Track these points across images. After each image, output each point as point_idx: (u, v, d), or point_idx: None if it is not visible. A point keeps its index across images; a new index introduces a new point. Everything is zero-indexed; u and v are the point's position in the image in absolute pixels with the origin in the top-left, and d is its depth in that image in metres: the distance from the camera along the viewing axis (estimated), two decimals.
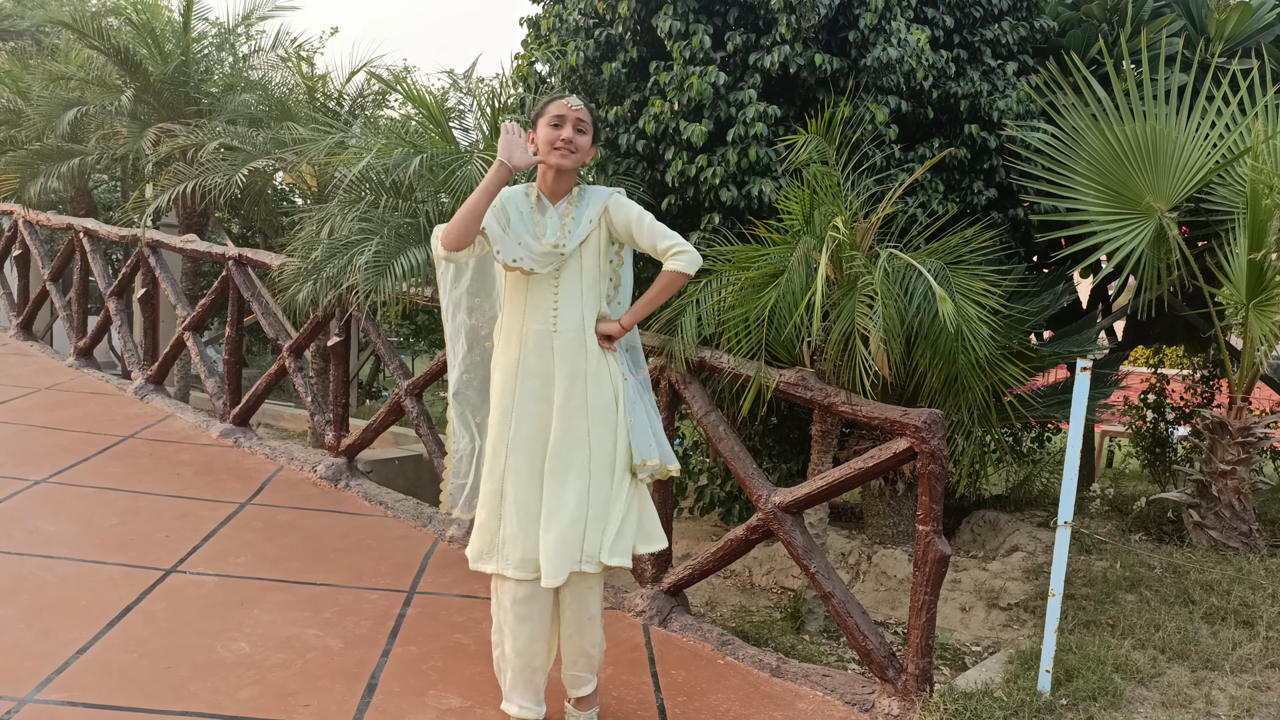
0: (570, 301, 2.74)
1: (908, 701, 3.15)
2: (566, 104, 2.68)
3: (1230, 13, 5.48)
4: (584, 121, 2.70)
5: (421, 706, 2.93)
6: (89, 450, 5.30)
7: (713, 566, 3.85)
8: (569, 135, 2.67)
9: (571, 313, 2.74)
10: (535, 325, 2.73)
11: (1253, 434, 4.78)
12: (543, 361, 2.72)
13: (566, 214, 2.75)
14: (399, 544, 4.40)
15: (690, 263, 2.76)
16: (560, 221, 2.74)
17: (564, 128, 2.67)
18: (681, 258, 2.75)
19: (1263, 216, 4.41)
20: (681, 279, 2.79)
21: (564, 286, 2.74)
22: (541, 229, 2.73)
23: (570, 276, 2.74)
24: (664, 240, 2.76)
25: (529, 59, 5.69)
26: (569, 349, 2.73)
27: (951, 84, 5.15)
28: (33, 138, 9.13)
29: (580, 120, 2.69)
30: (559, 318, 2.73)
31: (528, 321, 2.74)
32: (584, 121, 2.70)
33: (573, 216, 2.75)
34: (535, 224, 2.73)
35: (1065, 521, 3.22)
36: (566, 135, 2.67)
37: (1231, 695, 3.33)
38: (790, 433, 5.98)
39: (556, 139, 2.67)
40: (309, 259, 4.98)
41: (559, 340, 2.72)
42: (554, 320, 2.73)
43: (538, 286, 2.73)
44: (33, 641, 3.09)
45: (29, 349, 8.12)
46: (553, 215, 2.75)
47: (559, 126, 2.68)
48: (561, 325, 2.73)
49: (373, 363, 14.20)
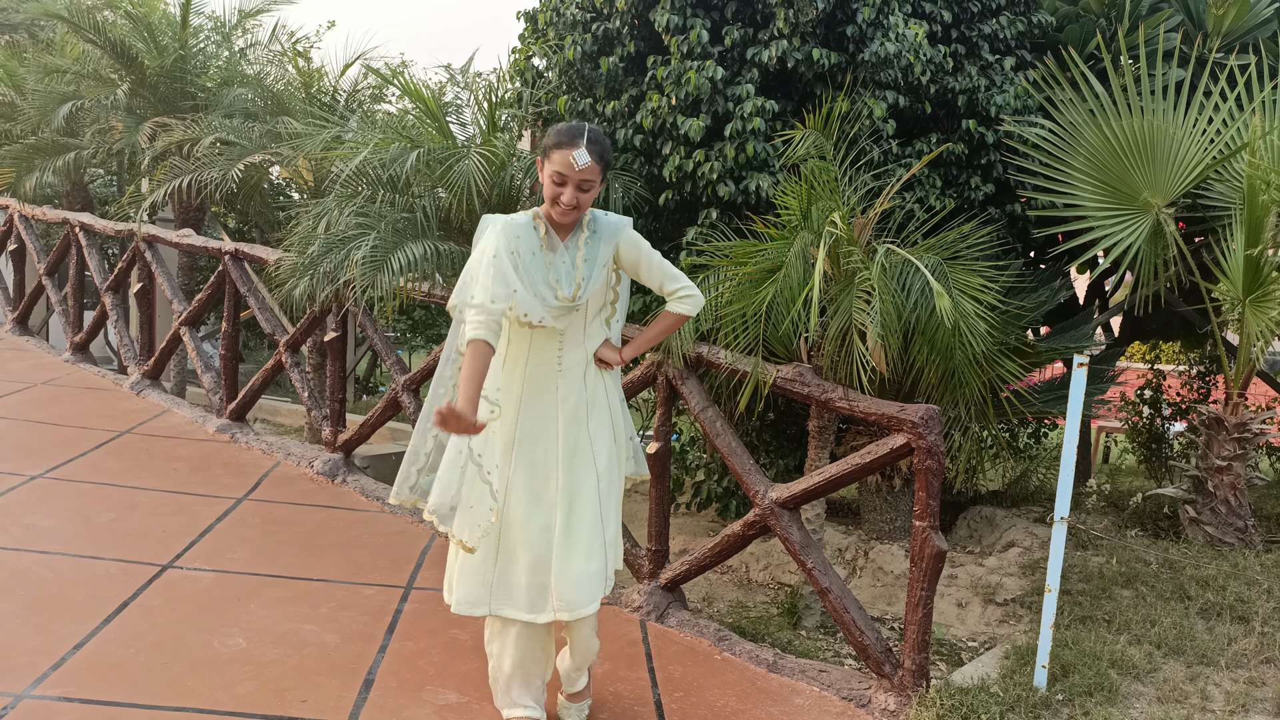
0: (574, 342, 2.71)
1: (904, 697, 3.15)
2: (571, 164, 2.48)
3: (1228, 8, 5.48)
4: (589, 180, 2.53)
5: (419, 702, 2.93)
6: (85, 445, 5.29)
7: (710, 562, 3.85)
8: (570, 200, 2.53)
9: (575, 351, 2.72)
10: (538, 364, 2.69)
11: (1249, 430, 4.79)
12: (544, 399, 2.68)
13: (579, 255, 2.64)
14: (396, 539, 4.40)
15: (694, 306, 2.76)
16: (574, 266, 2.64)
17: (566, 188, 2.52)
18: (687, 302, 2.75)
19: (1259, 212, 4.41)
20: (683, 320, 2.80)
21: (569, 329, 2.70)
22: (555, 273, 2.62)
23: (575, 318, 2.70)
24: (671, 282, 2.73)
25: (526, 53, 5.68)
26: (570, 383, 2.70)
27: (949, 79, 5.15)
28: (28, 132, 9.10)
29: (585, 180, 2.52)
30: (563, 357, 2.70)
31: (530, 361, 2.68)
32: (589, 180, 2.53)
33: (585, 258, 2.64)
34: (547, 265, 2.62)
35: (1061, 517, 3.23)
36: (568, 200, 2.53)
37: (1227, 690, 3.34)
38: (787, 428, 5.98)
39: (558, 197, 2.54)
40: (305, 254, 4.97)
41: (562, 378, 2.69)
42: (558, 360, 2.70)
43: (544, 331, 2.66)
44: (29, 637, 3.08)
45: (25, 344, 8.11)
46: (564, 256, 2.64)
47: (561, 185, 2.53)
48: (565, 363, 2.70)
49: (370, 358, 14.19)
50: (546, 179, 2.56)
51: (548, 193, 2.57)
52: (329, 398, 5.50)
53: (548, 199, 2.59)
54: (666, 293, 2.75)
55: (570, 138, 2.50)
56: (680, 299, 2.75)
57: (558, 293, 2.61)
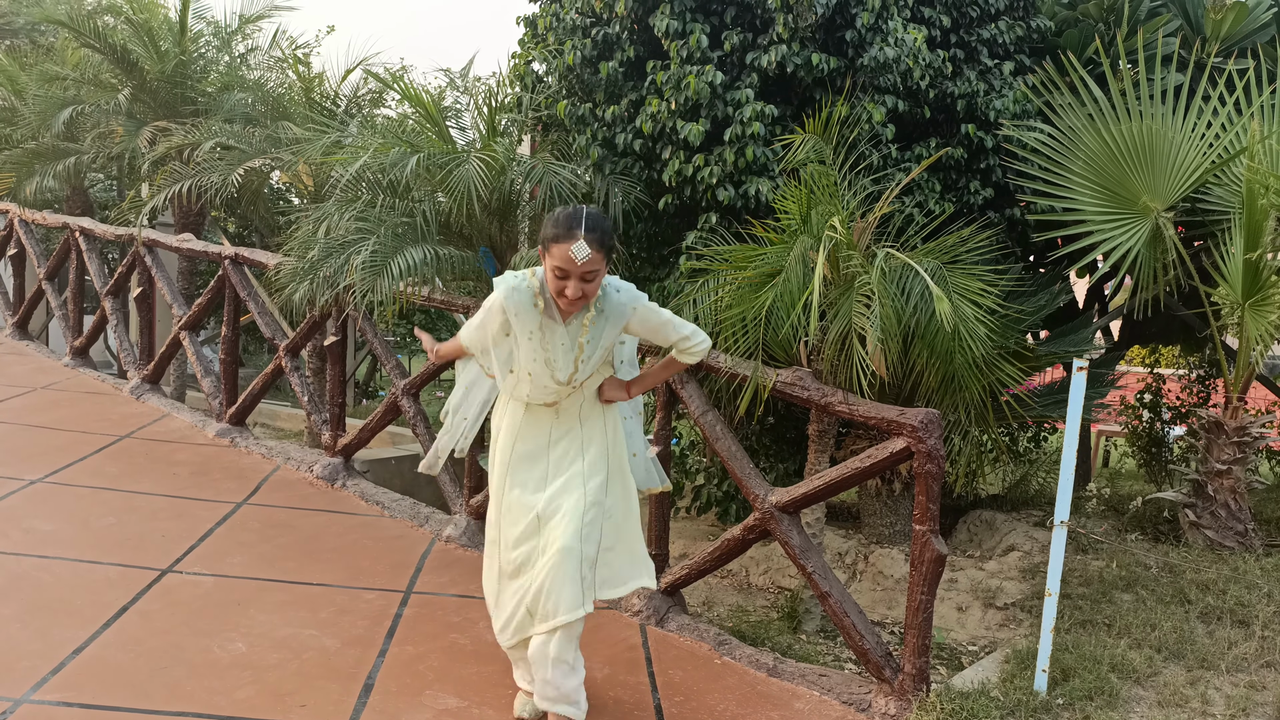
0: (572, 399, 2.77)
1: (904, 701, 3.15)
2: (572, 256, 2.38)
3: (1226, 13, 5.49)
4: (593, 270, 2.43)
5: (418, 706, 2.92)
6: (85, 450, 5.29)
7: (710, 566, 3.85)
8: (574, 294, 2.45)
9: (573, 403, 2.77)
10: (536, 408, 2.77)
11: (1248, 433, 4.79)
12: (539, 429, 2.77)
13: (581, 336, 2.58)
14: (396, 544, 4.39)
15: (700, 356, 2.78)
16: (574, 348, 2.59)
17: (570, 281, 2.44)
18: (693, 354, 2.76)
19: (1258, 216, 4.41)
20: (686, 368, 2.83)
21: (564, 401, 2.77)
22: (552, 352, 2.58)
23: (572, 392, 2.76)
24: (677, 333, 2.71)
25: (526, 58, 5.69)
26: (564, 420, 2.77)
27: (948, 83, 5.16)
28: (28, 136, 9.11)
29: (588, 272, 2.43)
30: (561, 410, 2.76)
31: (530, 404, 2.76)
32: (593, 270, 2.43)
33: (588, 339, 2.59)
34: (544, 344, 2.57)
35: (1061, 521, 3.23)
36: (572, 294, 2.45)
37: (1227, 695, 3.34)
38: (787, 432, 5.98)
39: (562, 290, 2.46)
40: (305, 258, 4.97)
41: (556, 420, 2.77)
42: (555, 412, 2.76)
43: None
44: (29, 641, 3.08)
45: (25, 348, 8.11)
46: (563, 336, 2.58)
47: (564, 279, 2.44)
48: (560, 409, 2.77)
49: (369, 362, 14.19)
50: (549, 271, 2.48)
51: (552, 286, 2.49)
52: (329, 402, 5.50)
53: (553, 291, 2.50)
54: (674, 343, 2.75)
55: (568, 230, 2.40)
56: (688, 352, 2.77)
57: (554, 374, 2.60)
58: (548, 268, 2.48)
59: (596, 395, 2.83)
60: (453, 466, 4.77)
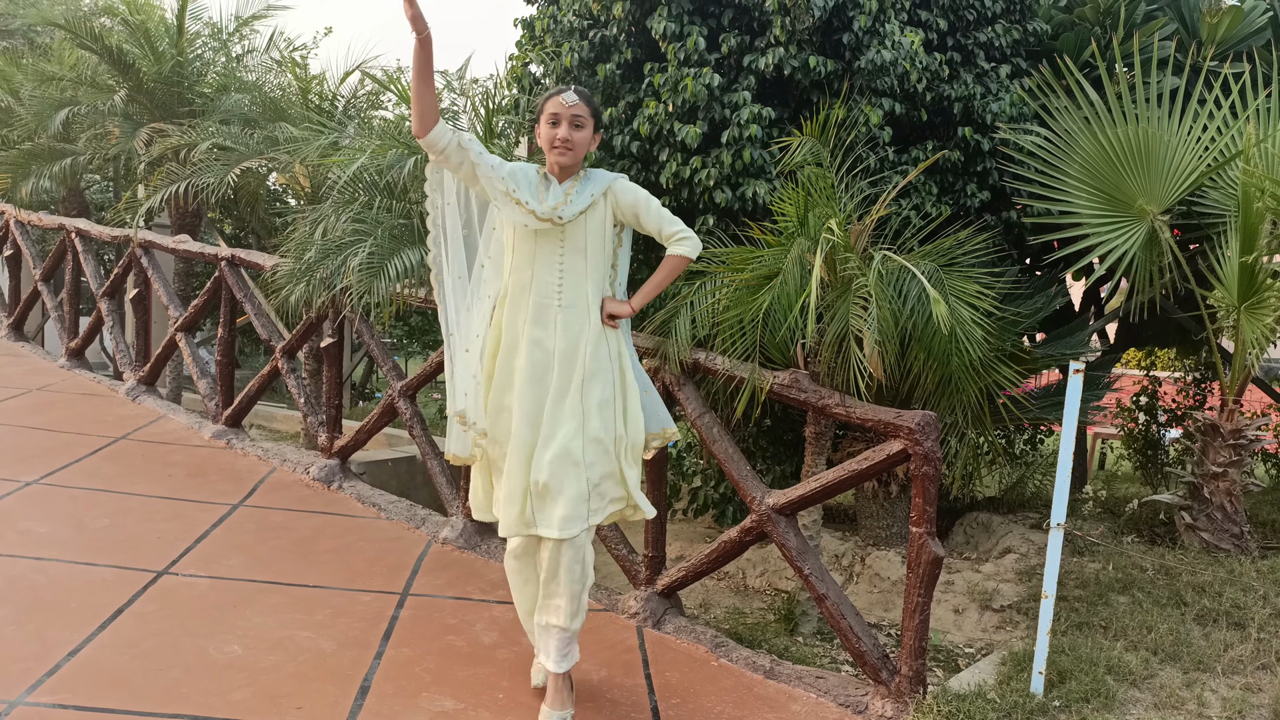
0: (575, 279, 2.85)
1: (901, 703, 3.15)
2: (561, 101, 2.78)
3: (1222, 16, 5.51)
4: (580, 116, 2.79)
5: (415, 709, 2.92)
6: (81, 451, 5.27)
7: (707, 568, 3.85)
8: (565, 134, 2.78)
9: (576, 289, 2.85)
10: (539, 298, 2.83)
11: (1244, 436, 4.80)
12: (544, 330, 2.82)
13: (570, 190, 2.85)
14: (392, 546, 4.39)
15: (693, 248, 2.90)
16: (564, 194, 2.85)
17: (560, 125, 2.78)
18: (686, 243, 2.89)
19: (1254, 220, 4.43)
20: (685, 263, 2.91)
21: (568, 263, 2.84)
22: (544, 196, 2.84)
23: (574, 253, 2.85)
24: (669, 225, 2.89)
25: (523, 60, 5.69)
26: (572, 323, 2.83)
27: (945, 87, 5.17)
28: (24, 137, 9.10)
29: (576, 116, 2.78)
30: (563, 292, 2.84)
31: (532, 295, 2.84)
32: (580, 116, 2.79)
33: (576, 190, 2.85)
34: (540, 193, 2.84)
35: (1058, 523, 3.23)
36: (563, 135, 2.78)
37: (1224, 697, 3.34)
38: (784, 435, 5.98)
39: (554, 138, 2.79)
40: (302, 260, 4.97)
41: (562, 314, 2.83)
42: (558, 295, 2.84)
43: (544, 262, 2.83)
44: (23, 643, 3.07)
45: (20, 350, 8.09)
46: (556, 189, 2.86)
47: (556, 125, 2.79)
48: (565, 300, 2.84)
49: (366, 364, 14.18)
50: (543, 128, 2.81)
51: (545, 139, 2.81)
52: (325, 403, 5.49)
53: (545, 146, 2.82)
54: (665, 236, 2.90)
55: (558, 90, 2.82)
56: (678, 241, 2.89)
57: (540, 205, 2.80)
58: (542, 127, 2.81)
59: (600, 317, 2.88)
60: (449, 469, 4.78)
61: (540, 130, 2.82)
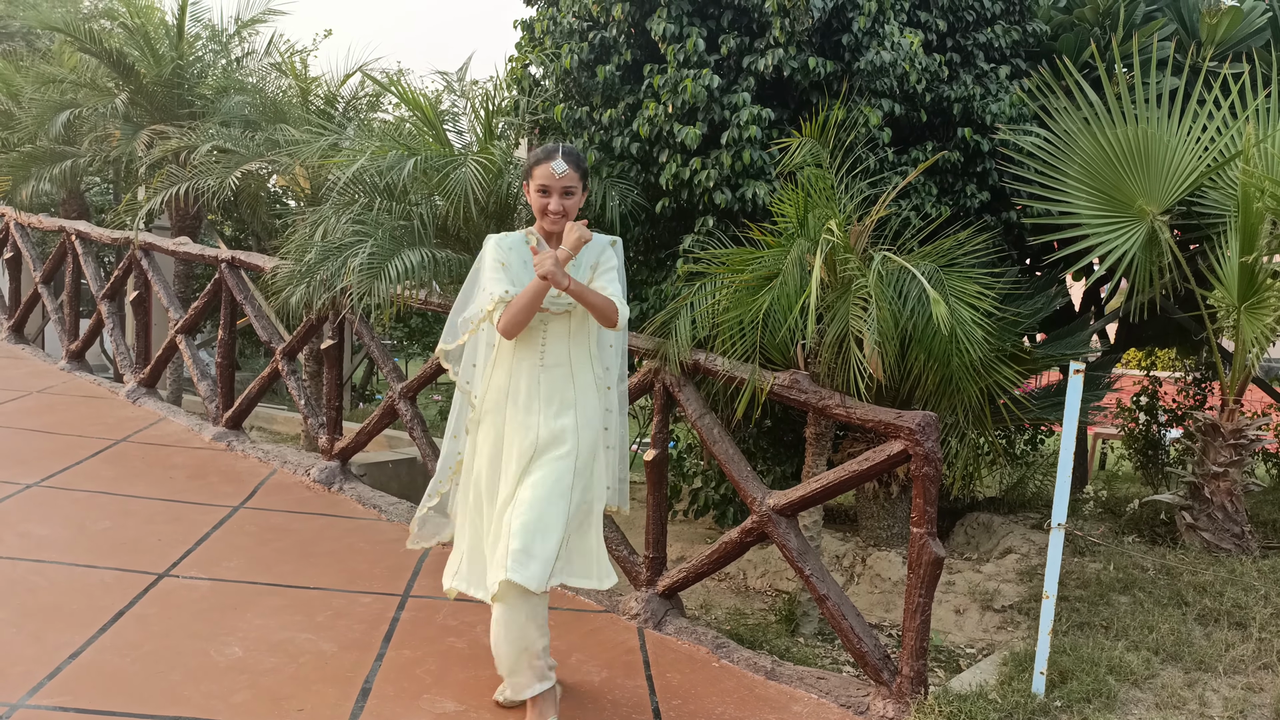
0: (558, 335, 2.84)
1: (902, 704, 3.15)
2: (552, 172, 2.73)
3: (1221, 17, 5.51)
4: (571, 186, 2.76)
5: (416, 710, 2.92)
6: (81, 454, 5.27)
7: (707, 569, 3.84)
8: (556, 207, 2.76)
9: (559, 350, 2.84)
10: (521, 359, 2.83)
11: (1245, 436, 4.80)
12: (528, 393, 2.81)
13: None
14: (392, 547, 4.39)
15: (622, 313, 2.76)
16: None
17: (551, 197, 2.76)
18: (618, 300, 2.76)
19: (1254, 220, 4.43)
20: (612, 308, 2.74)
21: (551, 328, 2.83)
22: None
23: (558, 318, 2.83)
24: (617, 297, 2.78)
25: (523, 61, 5.69)
26: (553, 378, 2.82)
27: (944, 87, 5.17)
28: (25, 140, 9.10)
29: (567, 188, 2.75)
30: (545, 354, 2.83)
31: (516, 356, 2.84)
32: (571, 186, 2.76)
33: (572, 264, 2.79)
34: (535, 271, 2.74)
35: (1059, 524, 3.23)
36: (554, 207, 2.76)
37: (1225, 696, 3.34)
38: (784, 435, 5.98)
39: (544, 208, 2.78)
40: (302, 262, 4.97)
41: (544, 374, 2.82)
42: (541, 356, 2.82)
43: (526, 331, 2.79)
44: (24, 646, 3.07)
45: (20, 352, 8.09)
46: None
47: (546, 195, 2.76)
48: (548, 360, 2.83)
49: (366, 366, 14.18)
50: (533, 196, 2.80)
51: (536, 207, 2.80)
52: (325, 405, 5.49)
53: (537, 212, 2.81)
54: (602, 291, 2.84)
55: (546, 154, 2.78)
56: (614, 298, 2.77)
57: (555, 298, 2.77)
58: (532, 193, 2.79)
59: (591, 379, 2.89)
60: None
61: (530, 195, 2.80)
